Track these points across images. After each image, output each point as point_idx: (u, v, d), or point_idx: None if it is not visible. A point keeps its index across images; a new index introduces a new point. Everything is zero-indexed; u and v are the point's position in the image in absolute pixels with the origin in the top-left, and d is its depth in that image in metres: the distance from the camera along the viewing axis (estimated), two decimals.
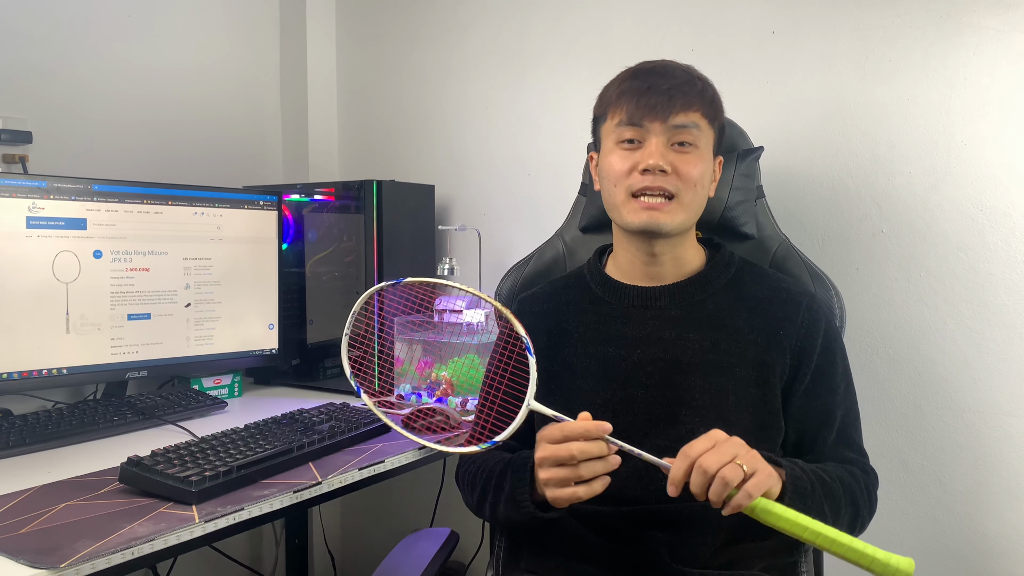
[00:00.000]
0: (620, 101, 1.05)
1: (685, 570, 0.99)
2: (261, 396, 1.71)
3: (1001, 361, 1.35)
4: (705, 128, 1.05)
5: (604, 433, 0.90)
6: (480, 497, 1.07)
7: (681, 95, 1.03)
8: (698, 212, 1.08)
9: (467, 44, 1.95)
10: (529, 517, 0.97)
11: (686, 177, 1.03)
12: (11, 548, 0.87)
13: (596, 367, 1.09)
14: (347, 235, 1.75)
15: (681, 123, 1.03)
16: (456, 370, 1.59)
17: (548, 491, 0.93)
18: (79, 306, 1.43)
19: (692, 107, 1.03)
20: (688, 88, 1.04)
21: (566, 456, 0.90)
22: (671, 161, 1.03)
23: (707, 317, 1.08)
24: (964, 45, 1.35)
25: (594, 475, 0.90)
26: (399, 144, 2.09)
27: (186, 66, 1.92)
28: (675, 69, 1.06)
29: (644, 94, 1.03)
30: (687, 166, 1.03)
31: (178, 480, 1.02)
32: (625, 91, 1.05)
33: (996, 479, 1.36)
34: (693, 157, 1.04)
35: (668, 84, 1.03)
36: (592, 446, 0.89)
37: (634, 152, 1.04)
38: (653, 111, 1.02)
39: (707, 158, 1.06)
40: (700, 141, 1.05)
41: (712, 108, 1.06)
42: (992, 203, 1.35)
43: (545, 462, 0.92)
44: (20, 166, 1.56)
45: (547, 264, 1.40)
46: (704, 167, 1.05)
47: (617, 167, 1.05)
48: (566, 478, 0.91)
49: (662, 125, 1.02)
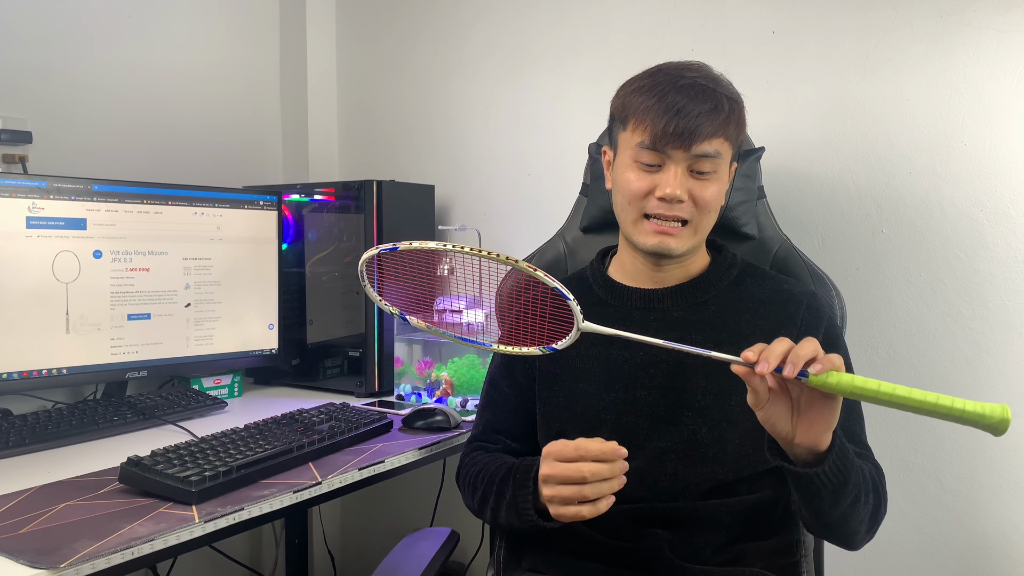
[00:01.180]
0: (643, 117, 1.00)
1: (687, 567, 0.99)
2: (261, 396, 1.71)
3: (1001, 361, 1.35)
4: (727, 151, 1.03)
5: (620, 458, 0.88)
6: (481, 500, 1.07)
7: (708, 123, 0.99)
8: (708, 230, 1.08)
9: (467, 44, 1.95)
10: (530, 525, 0.97)
11: (702, 204, 1.02)
12: (11, 548, 0.87)
13: (599, 369, 1.09)
14: (347, 235, 1.75)
15: (703, 152, 1.00)
16: (456, 370, 1.60)
17: (551, 507, 0.92)
18: (79, 306, 1.43)
19: (716, 135, 1.00)
20: (715, 116, 0.99)
21: (576, 477, 0.88)
22: (689, 188, 1.01)
23: (710, 319, 1.08)
24: (964, 45, 1.35)
25: (600, 495, 0.89)
26: (399, 144, 2.09)
27: (186, 66, 1.92)
28: (704, 88, 1.00)
29: (671, 119, 0.98)
30: (704, 192, 1.02)
31: (178, 480, 1.02)
32: (651, 108, 1.00)
33: (996, 479, 1.36)
34: (713, 185, 1.02)
35: (697, 110, 0.98)
36: (605, 468, 0.88)
37: (652, 174, 1.02)
38: (678, 139, 0.98)
39: (725, 179, 1.05)
40: (721, 167, 1.03)
41: (737, 130, 1.03)
42: (992, 203, 1.35)
43: (552, 479, 0.91)
44: (20, 166, 1.56)
45: (548, 264, 1.40)
46: (722, 191, 1.04)
47: (634, 187, 1.03)
48: (571, 497, 0.89)
49: (684, 154, 1.00)
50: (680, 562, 0.99)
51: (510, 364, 1.18)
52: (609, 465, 0.88)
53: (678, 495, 1.02)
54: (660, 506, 1.02)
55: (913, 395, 0.78)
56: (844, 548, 0.99)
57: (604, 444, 0.88)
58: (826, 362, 0.80)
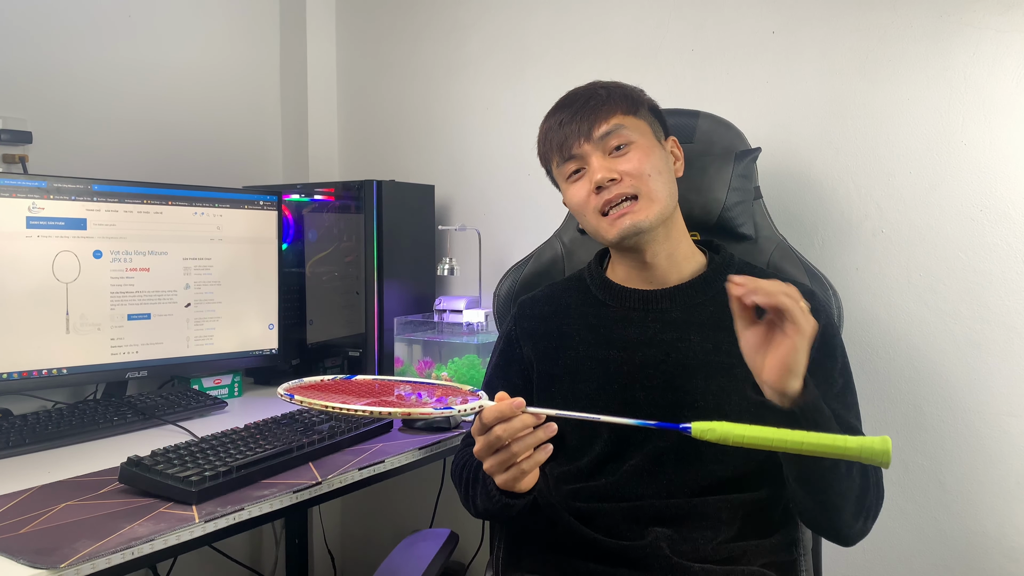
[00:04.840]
0: (548, 145, 1.12)
1: (687, 565, 0.99)
2: (261, 396, 1.71)
3: (1001, 361, 1.35)
4: (632, 122, 1.08)
5: (517, 410, 0.89)
6: (465, 492, 1.09)
7: (590, 110, 1.07)
8: (671, 198, 1.09)
9: (467, 44, 1.95)
10: (501, 506, 0.98)
11: (636, 172, 1.05)
12: (11, 548, 0.87)
13: (598, 370, 1.09)
14: (347, 235, 1.75)
15: (605, 131, 1.06)
16: (456, 370, 1.60)
17: (497, 479, 0.94)
18: (79, 306, 1.43)
19: (607, 114, 1.07)
20: (593, 102, 1.08)
21: (494, 441, 0.90)
22: (615, 168, 1.05)
23: (708, 319, 1.08)
24: (964, 45, 1.35)
25: (527, 449, 0.90)
26: (399, 144, 2.09)
27: (186, 66, 1.93)
28: (576, 95, 1.11)
29: (562, 127, 1.09)
30: (631, 163, 1.05)
31: (178, 480, 1.02)
32: (547, 134, 1.12)
33: (996, 479, 1.36)
34: (634, 152, 1.06)
35: (574, 109, 1.08)
36: (514, 423, 0.89)
37: (584, 178, 1.08)
38: (576, 136, 1.07)
39: (652, 145, 1.08)
40: (634, 136, 1.07)
41: (628, 102, 1.09)
42: (992, 203, 1.35)
43: (482, 453, 0.93)
44: (20, 166, 1.57)
45: (546, 265, 1.40)
46: (651, 155, 1.07)
47: (577, 198, 1.09)
48: (504, 461, 0.91)
49: (590, 143, 1.06)
50: (679, 560, 0.99)
51: (506, 366, 1.19)
52: (519, 419, 0.89)
53: (676, 493, 1.02)
54: (659, 503, 1.02)
55: (793, 437, 0.81)
56: (836, 540, 0.99)
57: (497, 406, 0.90)
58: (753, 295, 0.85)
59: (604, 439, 1.07)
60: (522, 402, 0.90)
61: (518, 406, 0.90)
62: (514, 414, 0.89)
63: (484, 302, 1.77)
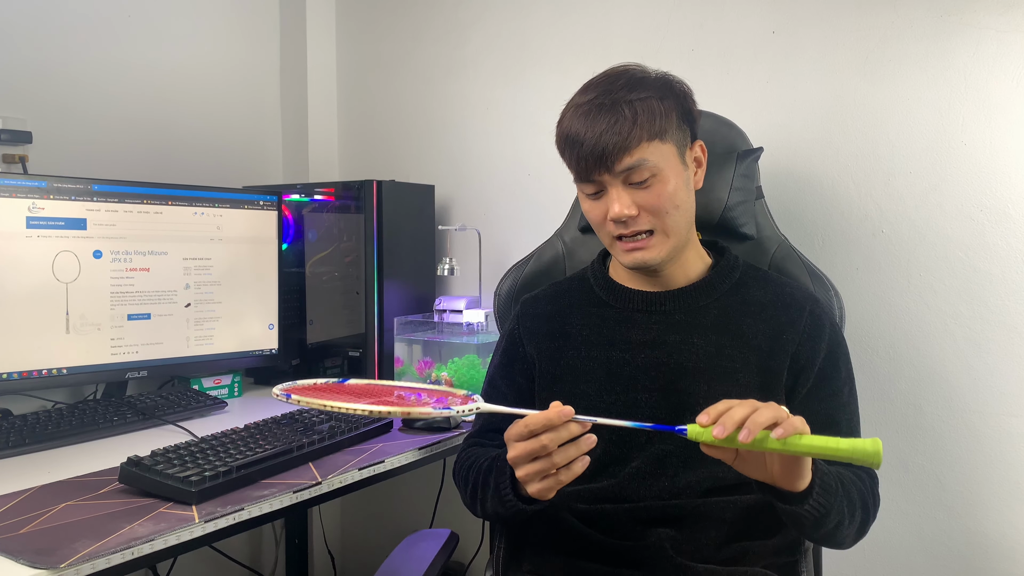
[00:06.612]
0: (565, 154, 1.04)
1: (690, 565, 0.99)
2: (261, 396, 1.71)
3: (1001, 361, 1.35)
4: (658, 149, 1.00)
5: (567, 418, 0.87)
6: (471, 494, 1.08)
7: (613, 143, 0.98)
8: (687, 229, 1.07)
9: (467, 44, 1.95)
10: (515, 512, 0.97)
11: (655, 209, 1.01)
12: (11, 548, 0.87)
13: (600, 370, 1.09)
14: (347, 235, 1.75)
15: (627, 166, 0.99)
16: (456, 370, 1.59)
17: (530, 487, 0.91)
18: (79, 306, 1.43)
19: (630, 146, 0.98)
20: (618, 128, 0.98)
21: (538, 449, 0.87)
22: (635, 202, 1.00)
23: (712, 322, 1.08)
24: (964, 45, 1.35)
25: (569, 460, 0.88)
26: (399, 144, 2.09)
27: (186, 66, 1.92)
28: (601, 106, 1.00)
29: (580, 151, 1.00)
30: (652, 198, 1.00)
31: (178, 480, 1.02)
32: (566, 143, 1.03)
33: (996, 479, 1.36)
34: (656, 186, 1.00)
35: (596, 133, 0.98)
36: (562, 432, 0.87)
37: (600, 200, 1.04)
38: (597, 166, 0.99)
39: (675, 173, 1.02)
40: (658, 165, 1.00)
41: (656, 124, 0.99)
42: (992, 203, 1.35)
43: (519, 460, 0.90)
44: (20, 166, 1.57)
45: (547, 264, 1.40)
46: (674, 184, 1.01)
47: (593, 215, 1.06)
48: (542, 470, 0.89)
49: (611, 175, 1.00)
50: (682, 560, 0.99)
51: (509, 364, 1.18)
52: (566, 428, 0.87)
53: (679, 494, 1.02)
54: (661, 504, 1.02)
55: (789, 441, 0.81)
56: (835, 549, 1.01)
57: (546, 413, 0.87)
58: (788, 427, 0.80)
59: (605, 441, 1.07)
60: (571, 410, 0.87)
61: (567, 414, 0.86)
62: (562, 422, 0.87)
63: (484, 302, 1.77)
